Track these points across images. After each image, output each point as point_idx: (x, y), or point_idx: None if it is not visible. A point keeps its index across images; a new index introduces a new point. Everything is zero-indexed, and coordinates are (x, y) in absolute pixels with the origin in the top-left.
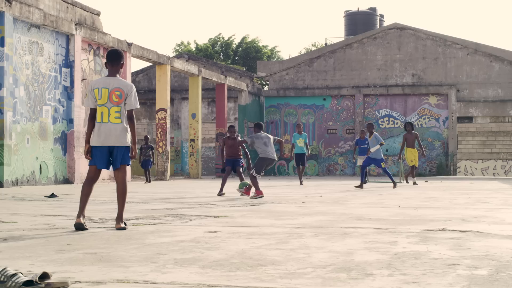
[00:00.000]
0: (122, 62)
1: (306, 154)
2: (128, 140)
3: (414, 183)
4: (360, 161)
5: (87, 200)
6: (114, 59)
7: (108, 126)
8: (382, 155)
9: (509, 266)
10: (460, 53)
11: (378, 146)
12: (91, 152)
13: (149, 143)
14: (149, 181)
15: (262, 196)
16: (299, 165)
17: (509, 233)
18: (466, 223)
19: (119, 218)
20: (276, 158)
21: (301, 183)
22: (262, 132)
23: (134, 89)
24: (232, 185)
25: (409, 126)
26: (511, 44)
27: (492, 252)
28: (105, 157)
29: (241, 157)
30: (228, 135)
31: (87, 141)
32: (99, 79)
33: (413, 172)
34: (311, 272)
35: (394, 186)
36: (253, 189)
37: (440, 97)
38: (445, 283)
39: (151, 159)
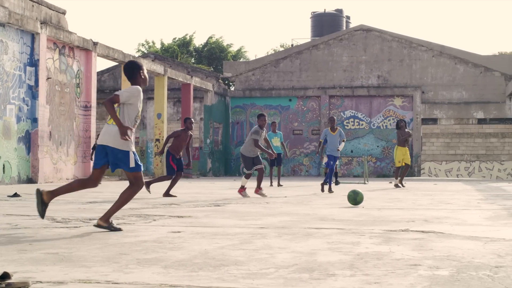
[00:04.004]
0: (138, 73)
1: (283, 154)
2: (126, 145)
3: (397, 185)
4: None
5: (67, 189)
6: (128, 75)
7: (106, 127)
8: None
9: (470, 266)
10: (425, 55)
11: (343, 144)
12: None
13: None
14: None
15: (243, 195)
16: (274, 165)
17: (471, 234)
18: (428, 224)
19: (104, 216)
20: (245, 153)
21: (279, 184)
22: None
23: (134, 88)
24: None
25: (402, 123)
26: (476, 46)
27: (454, 253)
28: (101, 157)
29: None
30: (183, 127)
31: None
32: None
33: (405, 173)
34: (274, 272)
35: (325, 188)
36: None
37: (405, 98)
38: (406, 283)
39: None
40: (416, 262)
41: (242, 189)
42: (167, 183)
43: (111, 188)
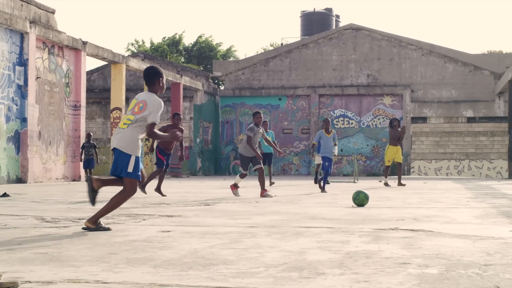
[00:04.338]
0: (157, 80)
1: (277, 154)
2: (130, 149)
3: (386, 184)
4: (318, 159)
5: (113, 183)
6: (147, 80)
7: (116, 131)
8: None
9: (459, 265)
10: (414, 54)
11: (336, 148)
12: None
13: (91, 141)
14: None
15: (234, 194)
16: (264, 164)
17: (460, 232)
18: (418, 223)
19: (92, 218)
20: (243, 153)
21: (271, 183)
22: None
23: (158, 104)
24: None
25: (395, 122)
26: (465, 45)
27: (443, 251)
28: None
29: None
30: (171, 123)
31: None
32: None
33: (399, 171)
34: (263, 271)
35: (323, 190)
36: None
37: (394, 97)
38: (395, 281)
39: (94, 158)
40: (406, 261)
41: (234, 187)
42: (155, 181)
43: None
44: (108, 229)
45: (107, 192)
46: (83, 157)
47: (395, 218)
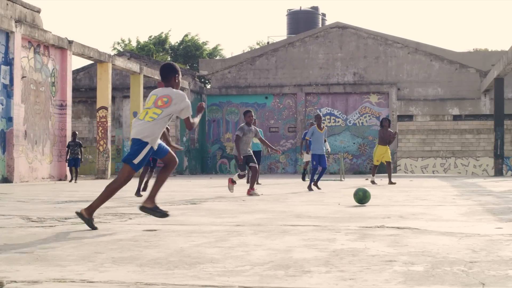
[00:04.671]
0: (173, 76)
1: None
2: (150, 139)
3: (373, 182)
4: (308, 156)
5: (160, 183)
6: (163, 75)
7: (139, 122)
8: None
9: (445, 262)
10: (400, 52)
11: (327, 144)
12: None
13: (77, 140)
14: (76, 181)
15: (229, 188)
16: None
17: (445, 230)
18: (404, 220)
19: (89, 208)
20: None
21: (257, 182)
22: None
23: (182, 96)
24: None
25: (386, 122)
26: (451, 43)
27: (429, 249)
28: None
29: None
30: None
31: None
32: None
33: (389, 170)
34: (249, 270)
35: (318, 185)
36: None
37: (381, 95)
38: (381, 279)
39: (80, 157)
40: (391, 258)
41: (231, 182)
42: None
43: (87, 187)
44: (96, 228)
45: (90, 191)
46: (68, 156)
47: (381, 216)
